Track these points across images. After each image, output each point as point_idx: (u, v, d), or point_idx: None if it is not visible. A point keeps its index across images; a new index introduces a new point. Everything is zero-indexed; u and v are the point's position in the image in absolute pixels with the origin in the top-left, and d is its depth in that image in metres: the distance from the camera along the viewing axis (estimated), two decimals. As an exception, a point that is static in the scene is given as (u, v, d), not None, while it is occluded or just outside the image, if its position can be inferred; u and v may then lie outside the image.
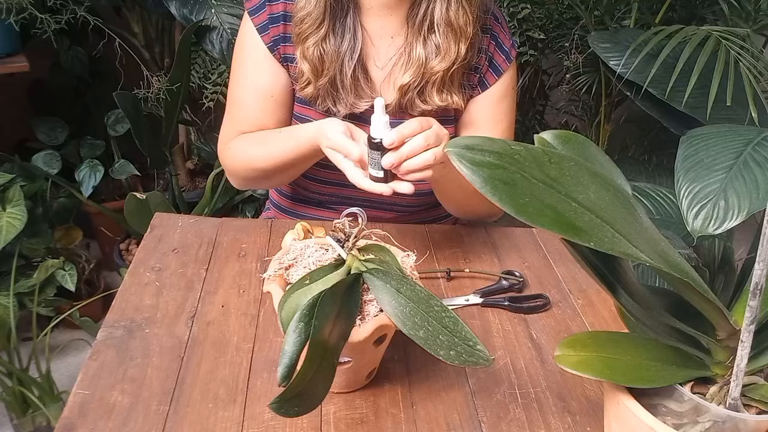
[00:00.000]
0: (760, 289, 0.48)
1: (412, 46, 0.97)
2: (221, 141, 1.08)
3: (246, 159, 1.02)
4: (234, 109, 1.06)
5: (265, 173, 1.02)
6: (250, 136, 1.03)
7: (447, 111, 1.02)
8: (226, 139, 1.06)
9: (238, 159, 1.04)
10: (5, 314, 1.50)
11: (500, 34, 1.03)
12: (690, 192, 0.96)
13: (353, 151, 0.83)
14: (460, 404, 0.72)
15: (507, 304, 0.87)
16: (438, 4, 0.94)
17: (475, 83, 1.02)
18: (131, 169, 1.90)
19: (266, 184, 1.13)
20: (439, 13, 0.94)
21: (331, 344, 0.59)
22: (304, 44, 0.96)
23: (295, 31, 0.97)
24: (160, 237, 0.96)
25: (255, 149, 1.01)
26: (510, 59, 1.03)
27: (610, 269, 0.56)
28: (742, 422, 0.53)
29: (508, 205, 0.46)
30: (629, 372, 0.55)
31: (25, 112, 2.05)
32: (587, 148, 0.60)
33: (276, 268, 0.69)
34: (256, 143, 1.01)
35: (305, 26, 0.95)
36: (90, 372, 0.71)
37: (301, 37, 0.96)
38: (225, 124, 1.08)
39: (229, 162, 1.06)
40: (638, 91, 1.42)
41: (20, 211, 1.56)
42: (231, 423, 0.66)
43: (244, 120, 1.04)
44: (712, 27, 1.40)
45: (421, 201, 1.08)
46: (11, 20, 1.60)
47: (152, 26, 1.97)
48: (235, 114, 1.06)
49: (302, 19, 0.95)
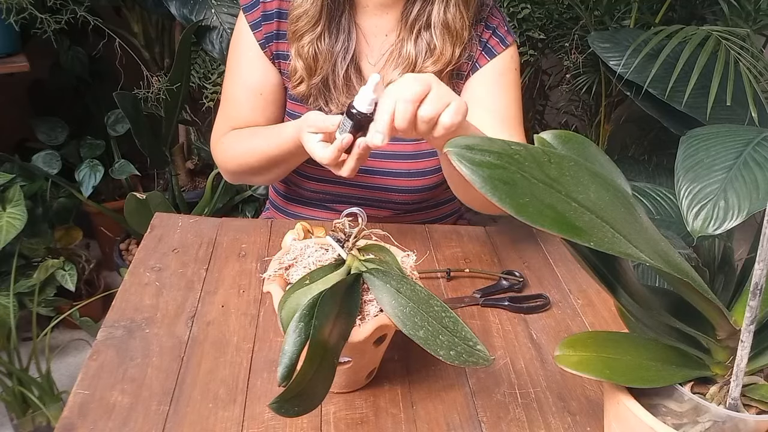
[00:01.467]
0: (760, 289, 0.48)
1: (403, 43, 0.98)
2: (214, 136, 1.09)
3: (235, 154, 1.03)
4: (226, 106, 1.07)
5: (252, 168, 1.02)
6: (241, 131, 1.04)
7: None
8: (218, 135, 1.08)
9: (227, 153, 1.05)
10: (5, 314, 1.50)
11: (494, 21, 1.03)
12: (690, 192, 0.96)
13: (331, 122, 0.80)
14: (460, 404, 0.72)
15: (507, 304, 0.87)
16: (436, 6, 0.94)
17: (467, 71, 1.02)
18: (131, 169, 1.90)
19: (256, 179, 1.13)
20: (436, 15, 0.95)
21: (331, 344, 0.59)
22: (299, 42, 0.97)
23: (291, 29, 0.97)
24: (160, 237, 0.96)
25: (243, 144, 1.02)
26: (505, 43, 1.02)
27: (610, 269, 0.56)
28: (742, 422, 0.53)
29: (508, 205, 0.46)
30: (629, 372, 0.55)
31: (25, 112, 2.05)
32: (587, 148, 0.60)
33: (276, 268, 0.69)
34: (244, 139, 1.02)
35: (301, 24, 0.96)
36: (90, 372, 0.71)
37: (296, 34, 0.97)
38: (218, 119, 1.09)
39: (220, 156, 1.07)
40: (638, 91, 1.42)
41: (20, 211, 1.56)
42: (231, 423, 0.66)
43: (236, 117, 1.05)
44: (712, 27, 1.40)
45: (417, 198, 1.08)
46: (11, 20, 1.60)
47: (152, 26, 1.97)
48: (228, 110, 1.07)
49: (298, 17, 0.96)
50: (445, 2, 0.94)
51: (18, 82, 2.00)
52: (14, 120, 2.02)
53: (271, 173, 1.03)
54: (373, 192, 1.06)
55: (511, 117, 1.03)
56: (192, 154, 2.26)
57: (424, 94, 0.73)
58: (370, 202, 1.06)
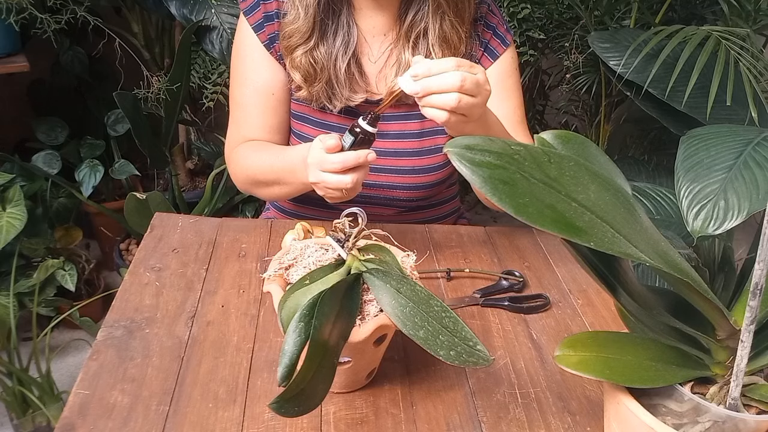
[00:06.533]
0: (760, 289, 0.48)
1: (401, 51, 0.99)
2: (227, 145, 1.09)
3: (245, 164, 1.03)
4: (237, 113, 1.06)
5: (258, 181, 1.02)
6: (255, 143, 1.04)
7: None
8: (231, 144, 1.07)
9: (239, 164, 1.05)
10: (5, 314, 1.50)
11: (493, 20, 1.04)
12: (690, 192, 0.96)
13: (340, 141, 0.81)
14: (460, 404, 0.72)
15: (507, 304, 0.87)
16: (431, 21, 0.96)
17: None
18: (131, 169, 1.90)
19: (262, 192, 1.07)
20: (432, 31, 0.96)
21: (331, 344, 0.59)
22: (292, 55, 0.97)
23: (284, 44, 0.98)
24: (160, 237, 0.96)
25: (254, 156, 1.02)
26: (506, 43, 1.04)
27: (610, 269, 0.56)
28: (742, 422, 0.53)
29: (507, 205, 0.46)
30: (629, 372, 0.55)
31: (25, 112, 2.05)
32: (587, 148, 0.60)
33: (276, 268, 0.69)
34: (256, 150, 1.02)
35: (294, 40, 0.97)
36: (90, 372, 0.71)
37: (289, 49, 0.98)
38: (230, 128, 1.08)
39: (233, 167, 1.07)
40: (638, 91, 1.42)
41: (20, 211, 1.56)
42: (231, 423, 0.66)
43: (247, 122, 1.05)
44: (712, 27, 1.39)
45: (421, 194, 1.08)
46: (11, 20, 1.60)
47: (152, 26, 1.97)
48: (238, 117, 1.06)
49: (291, 33, 0.97)
50: (441, 18, 0.95)
51: (18, 82, 2.00)
52: (14, 120, 2.02)
53: (274, 189, 1.01)
54: (378, 190, 1.06)
55: (519, 120, 1.05)
56: (192, 154, 2.26)
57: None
58: (373, 200, 1.07)
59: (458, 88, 0.75)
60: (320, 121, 1.04)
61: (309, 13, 0.94)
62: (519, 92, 1.07)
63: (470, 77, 0.75)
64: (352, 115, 1.00)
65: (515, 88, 1.06)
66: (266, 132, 1.05)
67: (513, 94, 1.05)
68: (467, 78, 0.75)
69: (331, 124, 1.03)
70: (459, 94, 0.75)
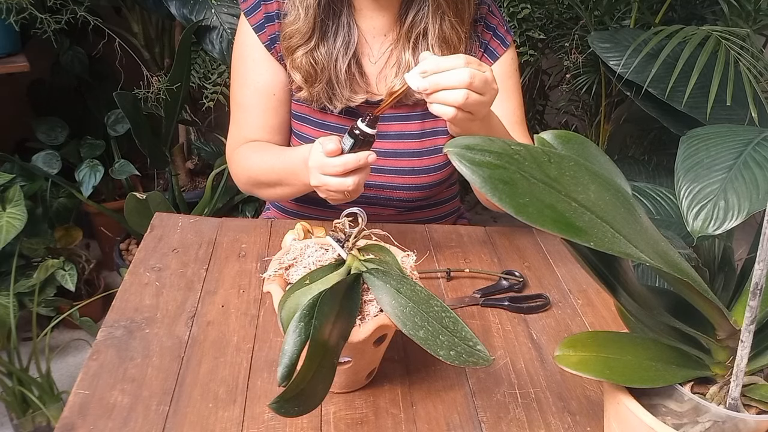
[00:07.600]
0: (760, 289, 0.48)
1: (401, 51, 0.99)
2: (229, 146, 1.09)
3: (246, 165, 1.03)
4: (238, 113, 1.06)
5: (259, 182, 1.02)
6: (256, 144, 1.04)
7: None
8: (233, 144, 1.07)
9: (241, 165, 1.05)
10: (5, 314, 1.50)
11: (493, 21, 1.04)
12: (690, 192, 0.96)
13: (340, 144, 0.81)
14: (460, 404, 0.72)
15: (507, 304, 0.87)
16: (431, 22, 0.96)
17: None
18: (131, 169, 1.90)
19: (263, 193, 1.08)
20: (432, 31, 0.96)
21: (331, 344, 0.59)
22: (292, 55, 0.97)
23: (284, 45, 0.98)
24: (160, 237, 0.96)
25: (255, 157, 1.02)
26: (506, 44, 1.04)
27: (610, 269, 0.56)
28: (742, 422, 0.53)
29: (508, 205, 0.46)
30: (629, 372, 0.55)
31: (25, 112, 2.05)
32: (587, 148, 0.60)
33: (276, 268, 0.69)
34: (257, 151, 1.02)
35: (294, 40, 0.97)
36: (90, 372, 0.71)
37: (290, 50, 0.98)
38: (231, 128, 1.08)
39: (234, 167, 1.07)
40: (638, 91, 1.42)
41: (20, 211, 1.56)
42: (231, 423, 0.66)
43: (248, 122, 1.05)
44: (712, 27, 1.39)
45: (421, 195, 1.08)
46: (11, 20, 1.60)
47: (152, 26, 1.97)
48: (239, 118, 1.06)
49: (291, 34, 0.97)
50: (441, 18, 0.96)
51: (18, 82, 2.00)
52: (14, 120, 2.02)
53: (276, 190, 1.01)
54: (378, 190, 1.06)
55: (518, 121, 1.05)
56: (192, 154, 2.26)
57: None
58: (373, 201, 1.07)
59: (467, 84, 0.74)
60: (321, 121, 1.04)
61: (309, 13, 0.94)
62: (519, 93, 1.07)
63: (479, 75, 0.75)
64: (353, 115, 1.00)
65: (515, 89, 1.06)
66: (267, 132, 1.05)
67: (513, 94, 1.05)
68: (476, 75, 0.75)
69: (331, 125, 1.03)
70: (467, 91, 0.75)
